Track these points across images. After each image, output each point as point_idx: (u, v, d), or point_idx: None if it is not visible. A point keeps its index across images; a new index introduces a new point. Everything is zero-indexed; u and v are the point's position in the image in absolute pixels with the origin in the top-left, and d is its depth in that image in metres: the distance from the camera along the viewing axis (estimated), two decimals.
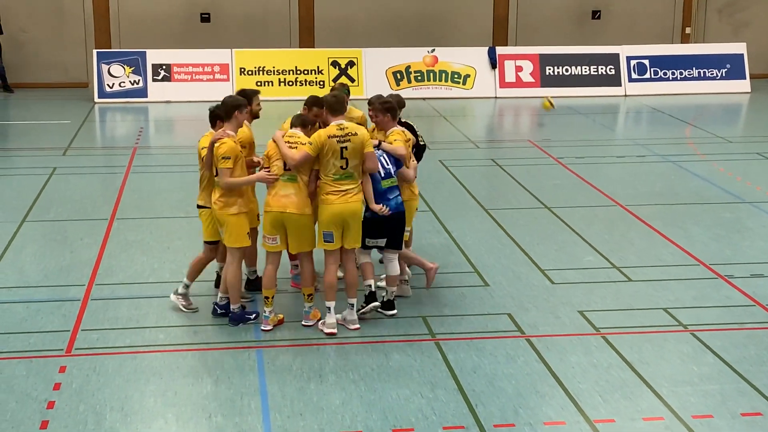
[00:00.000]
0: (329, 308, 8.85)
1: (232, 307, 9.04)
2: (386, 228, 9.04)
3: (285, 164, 8.72)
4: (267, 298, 8.97)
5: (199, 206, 9.21)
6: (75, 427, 7.14)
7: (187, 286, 9.38)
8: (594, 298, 9.83)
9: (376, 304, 9.15)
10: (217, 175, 8.79)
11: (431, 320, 9.18)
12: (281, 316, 9.10)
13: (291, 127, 9.01)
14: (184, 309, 9.35)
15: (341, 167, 8.67)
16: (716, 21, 26.09)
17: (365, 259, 9.21)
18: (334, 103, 8.91)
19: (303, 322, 9.03)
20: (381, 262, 9.80)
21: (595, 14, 25.59)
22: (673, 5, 25.82)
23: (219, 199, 8.82)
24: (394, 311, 9.25)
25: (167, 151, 17.50)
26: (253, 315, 9.13)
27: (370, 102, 9.54)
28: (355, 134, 8.70)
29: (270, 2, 24.29)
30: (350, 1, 24.54)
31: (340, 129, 8.70)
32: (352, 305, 8.97)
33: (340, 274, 9.33)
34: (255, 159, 9.35)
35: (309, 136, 8.78)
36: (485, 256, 11.05)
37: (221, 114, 8.97)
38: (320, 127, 9.01)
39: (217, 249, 9.34)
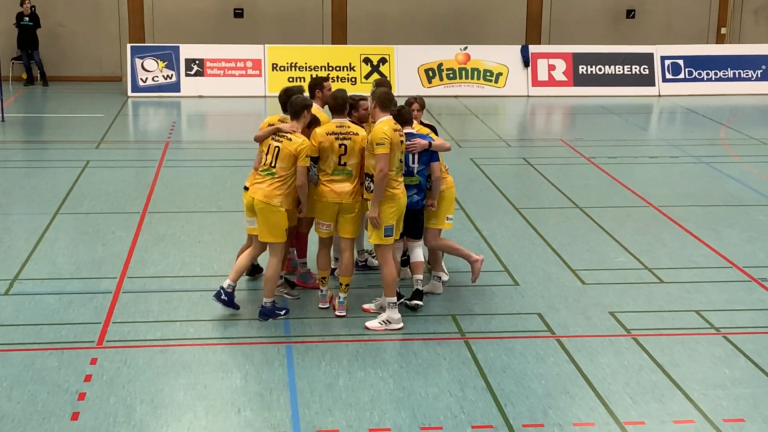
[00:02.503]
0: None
1: (264, 301, 9.08)
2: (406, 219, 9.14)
3: (339, 159, 8.85)
4: (323, 278, 9.25)
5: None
6: (105, 419, 7.18)
7: (280, 277, 9.49)
8: (625, 299, 9.76)
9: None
10: (273, 165, 8.87)
11: (461, 318, 9.16)
12: (330, 294, 9.35)
13: (334, 116, 9.09)
14: (288, 296, 9.54)
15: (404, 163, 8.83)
16: (752, 22, 25.84)
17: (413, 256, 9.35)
18: (384, 99, 8.96)
19: (337, 313, 9.16)
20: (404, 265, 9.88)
21: (630, 13, 25.42)
22: (708, 5, 25.60)
23: (274, 192, 8.87)
24: (420, 303, 9.26)
25: (199, 146, 17.59)
26: (283, 311, 9.16)
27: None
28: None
29: None
30: None
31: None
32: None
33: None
34: None
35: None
36: (515, 256, 11.01)
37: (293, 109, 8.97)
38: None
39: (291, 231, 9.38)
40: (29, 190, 13.71)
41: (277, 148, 8.85)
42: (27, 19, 22.62)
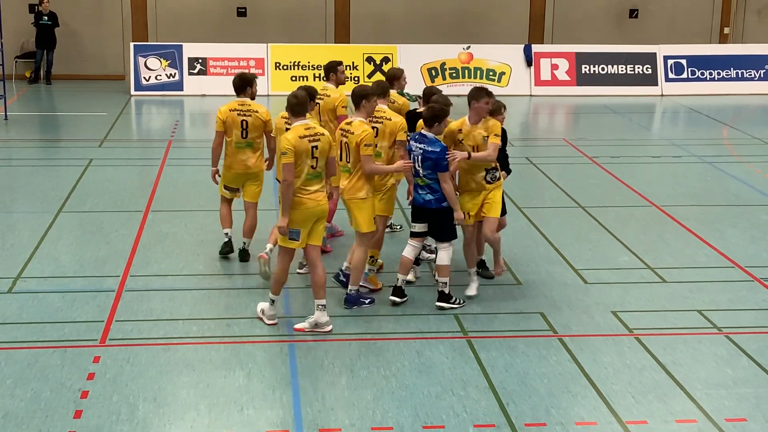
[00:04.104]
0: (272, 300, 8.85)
1: (350, 288, 9.27)
2: (421, 217, 9.28)
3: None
4: (373, 258, 9.63)
5: None
6: (108, 417, 7.20)
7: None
8: (628, 298, 9.77)
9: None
10: (348, 161, 9.13)
11: (463, 318, 9.16)
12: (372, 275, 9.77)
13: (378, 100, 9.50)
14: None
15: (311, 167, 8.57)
16: (755, 22, 25.82)
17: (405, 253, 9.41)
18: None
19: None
20: (417, 263, 9.89)
21: (633, 13, 25.41)
22: (711, 5, 25.58)
23: (356, 185, 9.13)
24: (445, 305, 9.32)
25: (202, 145, 17.55)
26: (368, 300, 9.36)
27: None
28: (324, 134, 8.64)
29: None
30: None
31: (307, 129, 8.57)
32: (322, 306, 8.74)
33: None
34: None
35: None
36: (518, 255, 11.01)
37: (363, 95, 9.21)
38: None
39: None
40: (32, 189, 13.72)
41: (346, 145, 9.14)
42: (46, 18, 22.67)
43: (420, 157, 9.10)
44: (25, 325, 8.85)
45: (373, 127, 9.31)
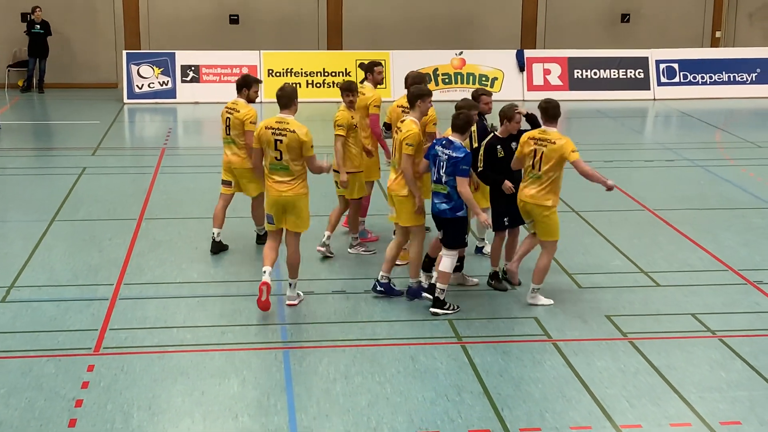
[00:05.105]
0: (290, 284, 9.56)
1: (411, 281, 9.59)
2: (439, 226, 9.47)
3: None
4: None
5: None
6: (103, 426, 7.19)
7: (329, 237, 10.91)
8: (622, 302, 9.78)
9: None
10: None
11: (457, 323, 9.17)
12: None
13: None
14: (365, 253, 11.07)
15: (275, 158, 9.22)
16: (747, 25, 25.91)
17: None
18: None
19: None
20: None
21: (625, 17, 25.47)
22: (703, 9, 25.66)
23: (395, 181, 9.52)
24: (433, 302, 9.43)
25: (195, 152, 17.61)
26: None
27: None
28: (294, 131, 9.11)
29: (299, 4, 24.38)
30: (378, 3, 24.58)
31: (278, 122, 9.20)
32: (290, 284, 9.51)
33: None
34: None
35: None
36: None
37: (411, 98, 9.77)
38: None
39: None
40: (26, 197, 13.71)
41: (395, 141, 9.52)
42: (38, 27, 22.67)
43: (444, 163, 9.11)
44: (19, 334, 8.84)
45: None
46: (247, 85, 10.90)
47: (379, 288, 9.72)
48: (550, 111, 9.60)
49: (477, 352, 8.53)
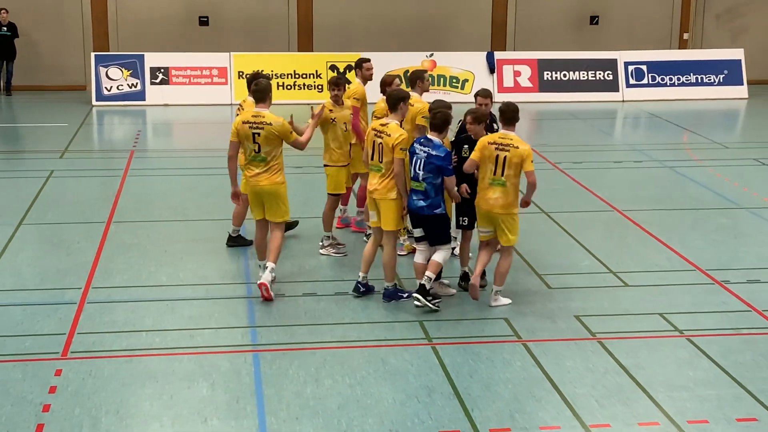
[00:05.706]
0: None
1: (386, 284, 9.60)
2: (416, 222, 9.49)
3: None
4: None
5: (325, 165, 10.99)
6: (71, 431, 7.13)
7: (329, 237, 11.02)
8: (591, 302, 9.83)
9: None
10: (381, 161, 9.45)
11: (428, 324, 9.18)
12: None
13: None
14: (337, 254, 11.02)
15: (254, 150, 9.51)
16: (714, 27, 26.12)
17: (416, 258, 9.61)
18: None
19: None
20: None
21: (594, 20, 25.62)
22: (671, 11, 25.85)
23: (386, 185, 9.43)
24: (418, 299, 9.42)
25: (165, 155, 17.51)
26: (405, 294, 9.62)
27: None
28: (270, 124, 9.42)
29: (269, 6, 24.32)
30: (349, 5, 24.57)
31: (255, 116, 9.50)
32: (266, 267, 9.72)
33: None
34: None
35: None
36: None
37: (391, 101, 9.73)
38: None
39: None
40: None
41: (380, 145, 9.42)
42: (5, 29, 22.45)
43: (422, 161, 9.15)
44: None
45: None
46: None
47: (362, 290, 9.78)
48: (508, 114, 9.52)
49: (447, 353, 8.55)
